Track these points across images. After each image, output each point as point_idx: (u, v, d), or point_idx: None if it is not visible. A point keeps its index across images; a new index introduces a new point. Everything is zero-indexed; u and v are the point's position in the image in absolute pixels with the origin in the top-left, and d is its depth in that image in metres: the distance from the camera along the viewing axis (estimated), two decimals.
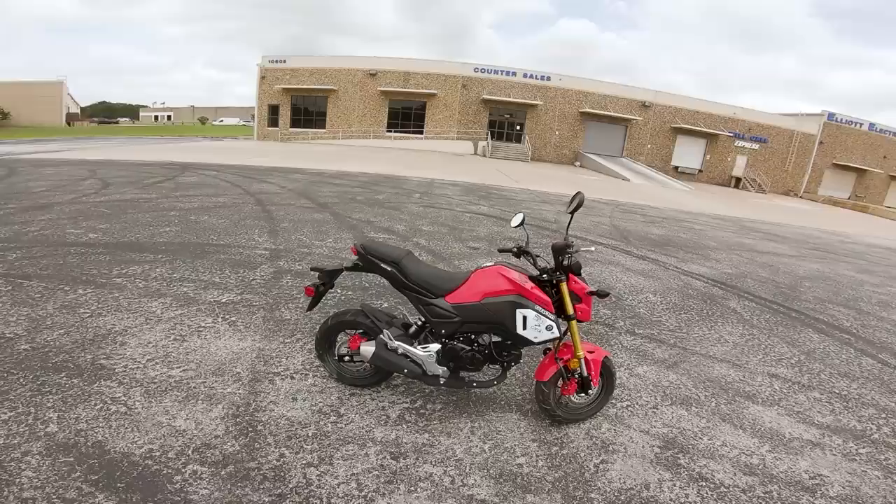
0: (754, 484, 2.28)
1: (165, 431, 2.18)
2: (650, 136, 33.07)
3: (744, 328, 4.48)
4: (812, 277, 7.14)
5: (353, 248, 2.55)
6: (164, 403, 2.39)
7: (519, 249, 2.54)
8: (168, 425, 2.22)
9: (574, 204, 2.47)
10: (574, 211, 2.49)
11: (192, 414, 2.33)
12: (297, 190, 9.80)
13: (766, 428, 2.80)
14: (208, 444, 2.13)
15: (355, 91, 31.17)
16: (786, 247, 10.03)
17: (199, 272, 4.34)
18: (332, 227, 6.68)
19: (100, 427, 2.17)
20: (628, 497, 2.09)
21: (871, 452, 2.67)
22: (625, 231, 9.33)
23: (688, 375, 3.36)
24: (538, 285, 2.40)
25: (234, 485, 1.90)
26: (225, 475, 1.95)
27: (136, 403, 2.37)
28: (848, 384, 3.56)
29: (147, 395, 2.44)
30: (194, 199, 7.81)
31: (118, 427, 2.18)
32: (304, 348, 3.06)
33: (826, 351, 4.19)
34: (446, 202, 10.21)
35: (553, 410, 2.50)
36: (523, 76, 31.35)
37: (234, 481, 1.92)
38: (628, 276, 5.90)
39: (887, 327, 5.13)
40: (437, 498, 1.95)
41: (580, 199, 2.46)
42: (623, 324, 4.23)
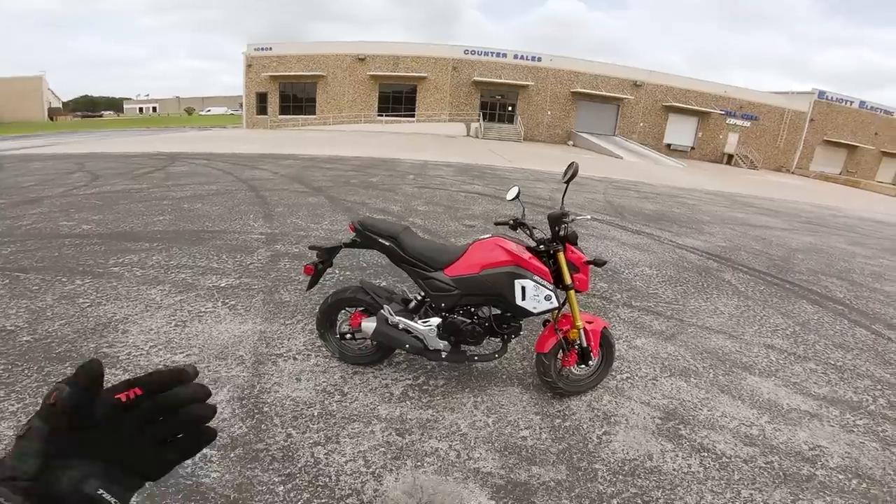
0: (755, 455, 2.29)
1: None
2: (642, 115, 32.99)
3: (739, 300, 4.52)
4: (805, 250, 7.21)
5: (350, 226, 2.54)
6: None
7: (515, 221, 2.54)
8: None
9: (569, 174, 2.46)
10: (569, 181, 2.48)
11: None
12: (290, 175, 9.71)
13: (764, 399, 2.82)
14: (216, 427, 2.12)
15: (344, 76, 30.69)
16: (778, 220, 10.11)
17: (196, 259, 4.32)
18: (327, 209, 6.65)
19: None
20: (632, 468, 2.11)
21: (869, 424, 2.68)
22: (619, 207, 9.36)
23: (685, 347, 3.39)
24: (536, 256, 2.41)
25: (244, 466, 1.92)
26: (234, 457, 1.97)
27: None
28: (843, 355, 3.59)
29: None
30: (186, 188, 7.72)
31: None
32: (306, 329, 3.07)
33: (820, 322, 4.23)
34: (440, 182, 10.17)
35: (554, 382, 2.52)
36: (514, 57, 31.05)
37: (243, 463, 1.94)
38: (624, 250, 5.95)
39: (880, 298, 5.17)
40: (443, 472, 1.97)
41: (574, 169, 2.45)
42: (620, 297, 4.27)
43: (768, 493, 2.04)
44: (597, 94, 31.75)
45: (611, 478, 2.04)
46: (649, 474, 2.08)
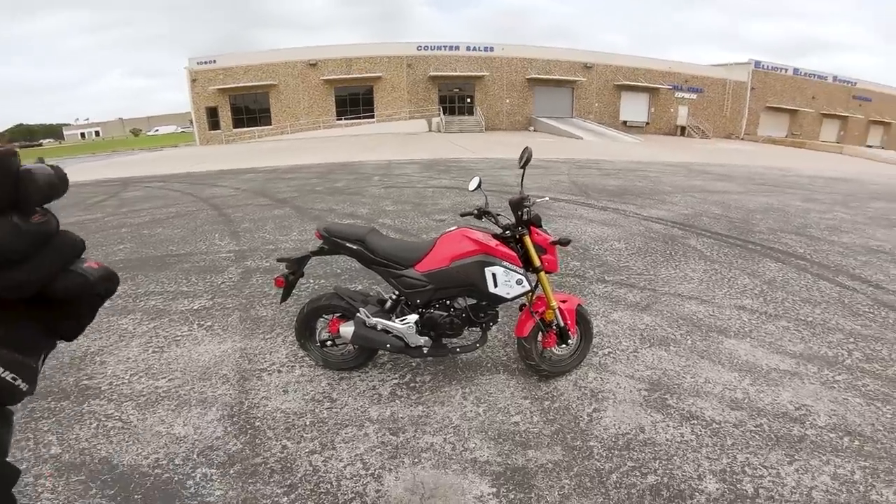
0: (744, 418, 2.32)
1: (166, 440, 2.16)
2: (596, 95, 33.76)
3: (706, 264, 4.67)
4: (762, 210, 7.51)
5: (316, 233, 2.52)
6: (158, 414, 2.35)
7: (480, 211, 2.56)
8: (167, 434, 2.20)
9: (524, 159, 2.49)
10: (524, 165, 2.50)
11: (189, 420, 2.30)
12: (253, 189, 9.49)
13: (742, 361, 2.87)
14: (211, 446, 2.12)
15: (297, 83, 30.08)
16: (734, 185, 10.51)
17: (164, 284, 4.19)
18: (294, 220, 6.53)
19: (101, 444, 2.14)
20: (626, 442, 2.14)
21: (848, 379, 2.71)
22: (583, 185, 9.57)
23: (661, 316, 3.47)
24: (503, 242, 2.44)
25: (245, 482, 1.91)
26: (234, 474, 1.95)
27: (131, 417, 2.33)
28: (811, 310, 3.66)
29: (139, 408, 2.40)
30: (143, 214, 7.44)
31: (119, 441, 2.16)
32: (287, 341, 3.03)
33: (786, 279, 4.34)
34: (407, 181, 10.13)
35: (538, 365, 2.56)
36: (467, 49, 31.22)
37: (244, 479, 1.93)
38: (592, 227, 6.08)
39: (839, 250, 5.32)
40: (441, 465, 1.99)
41: (528, 154, 2.48)
42: (593, 273, 4.37)
43: (764, 457, 2.06)
44: (551, 79, 32.31)
45: (606, 454, 2.07)
46: (644, 447, 2.11)
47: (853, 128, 41.59)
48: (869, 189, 11.10)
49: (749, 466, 2.00)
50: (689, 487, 1.87)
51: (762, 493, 1.85)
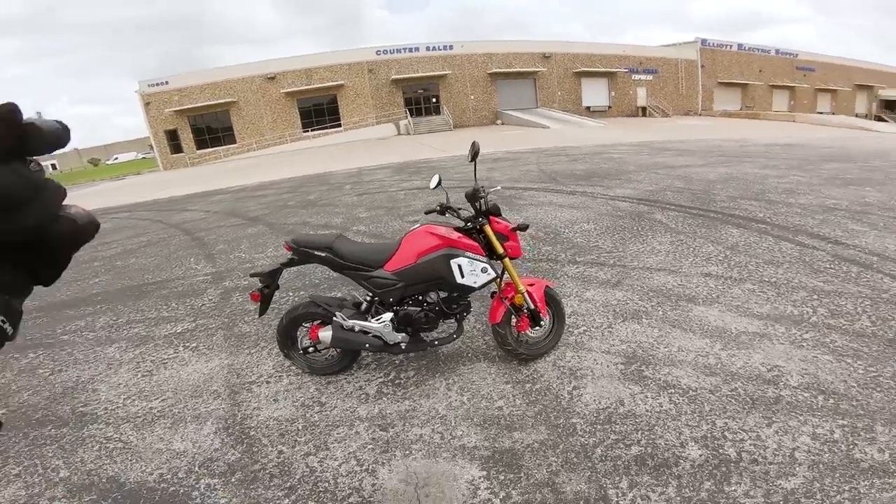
0: (719, 384, 2.37)
1: (168, 455, 2.23)
2: (558, 84, 34.27)
3: (672, 236, 4.84)
4: (722, 180, 7.81)
5: (286, 245, 2.58)
6: (156, 432, 2.41)
7: (442, 207, 2.64)
8: (168, 450, 2.27)
9: (471, 153, 2.57)
10: (473, 159, 2.58)
11: (186, 435, 2.36)
12: (224, 210, 9.39)
13: (713, 327, 2.94)
14: (210, 457, 2.19)
15: (257, 99, 29.59)
16: (695, 158, 10.88)
17: (145, 312, 4.18)
18: (268, 237, 6.52)
19: (106, 464, 2.21)
20: (608, 416, 2.20)
21: (816, 336, 2.76)
22: (552, 173, 9.77)
23: (632, 290, 3.59)
24: (465, 234, 2.53)
25: (248, 488, 1.98)
26: (236, 481, 2.02)
27: (131, 437, 2.40)
28: (775, 271, 3.77)
29: (138, 429, 2.46)
30: (114, 245, 7.30)
31: (123, 461, 2.23)
32: (272, 354, 3.08)
33: (748, 243, 4.48)
34: (378, 186, 10.17)
35: (515, 349, 2.65)
36: (426, 49, 31.26)
37: (246, 485, 2.00)
38: (562, 211, 6.26)
39: (797, 211, 5.52)
40: (432, 455, 2.06)
41: (476, 148, 2.57)
42: (565, 255, 4.52)
43: (742, 420, 2.11)
44: (512, 72, 32.64)
45: (590, 429, 2.13)
46: (625, 419, 2.17)
47: (802, 97, 43.45)
48: (822, 152, 11.60)
49: (729, 431, 2.05)
50: (672, 455, 1.93)
51: (745, 457, 1.90)
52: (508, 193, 7.80)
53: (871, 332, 2.79)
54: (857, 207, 5.65)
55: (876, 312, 3.03)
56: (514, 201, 7.17)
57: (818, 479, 1.77)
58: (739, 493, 1.73)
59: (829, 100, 45.42)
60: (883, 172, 8.11)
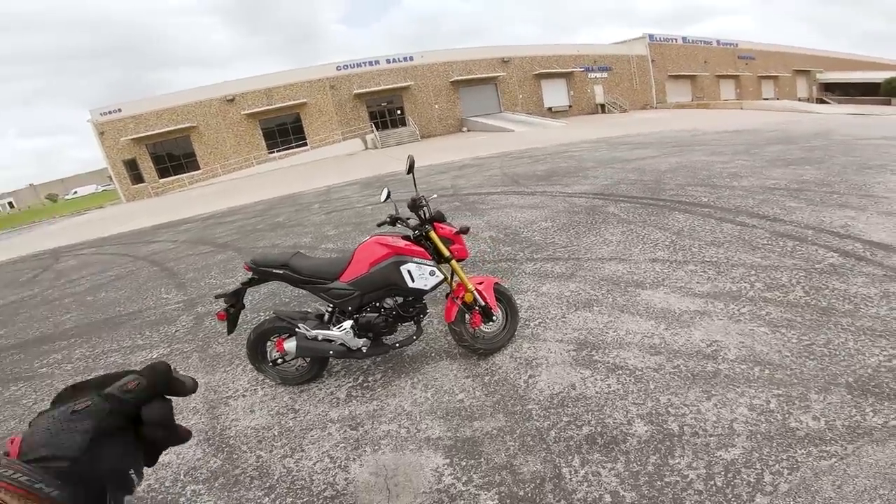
0: (662, 362, 2.51)
1: (153, 468, 2.31)
2: (519, 87, 35.03)
3: (623, 227, 5.10)
4: (672, 170, 8.20)
5: (245, 266, 2.74)
6: None
7: (392, 218, 2.83)
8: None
9: (408, 166, 2.80)
10: (410, 171, 2.80)
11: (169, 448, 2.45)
12: (192, 239, 9.35)
13: (657, 309, 3.10)
14: (194, 466, 2.33)
15: (217, 122, 29.18)
16: (649, 150, 11.36)
17: (120, 341, 4.24)
18: (238, 262, 6.57)
19: None
20: (560, 400, 2.35)
21: (752, 310, 2.90)
22: (514, 175, 10.09)
23: (585, 281, 3.79)
24: (413, 242, 2.73)
25: (231, 491, 2.13)
26: (219, 486, 2.17)
27: None
28: (716, 251, 3.97)
29: None
30: (83, 282, 7.23)
31: None
32: (247, 370, 3.21)
33: (692, 227, 4.72)
34: (346, 203, 10.29)
35: (472, 345, 2.83)
36: (387, 62, 31.55)
37: (228, 488, 2.15)
38: (522, 212, 6.52)
39: (739, 194, 5.81)
40: (400, 448, 2.22)
41: (410, 161, 2.80)
42: (523, 254, 4.75)
43: (684, 395, 2.23)
44: (474, 78, 33.26)
45: (544, 413, 2.28)
46: (576, 402, 2.32)
47: (747, 84, 45.73)
48: (766, 136, 12.25)
49: (672, 406, 2.18)
50: (620, 433, 2.07)
51: (686, 430, 2.02)
52: (472, 199, 8.04)
53: (804, 303, 2.96)
54: (795, 186, 6.02)
55: (809, 283, 3.22)
56: (476, 206, 7.40)
57: (756, 450, 1.86)
58: (683, 466, 1.85)
59: (773, 86, 47.89)
60: (822, 150, 8.63)
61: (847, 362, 2.35)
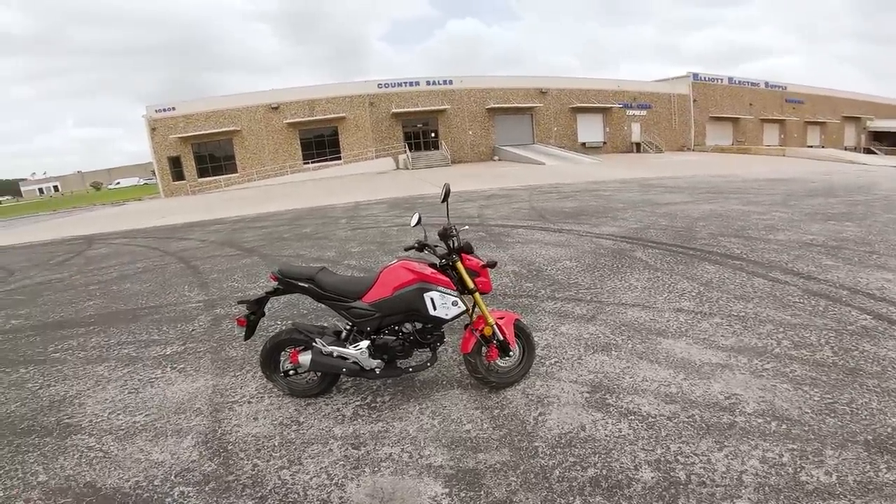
0: (677, 411, 2.47)
1: (146, 465, 2.35)
2: (554, 119, 35.14)
3: (650, 273, 4.99)
4: (705, 217, 8.05)
5: (271, 275, 2.78)
6: (136, 444, 2.55)
7: (420, 244, 2.85)
8: (146, 460, 2.40)
9: (443, 194, 2.82)
10: (445, 200, 2.81)
11: (166, 447, 2.50)
12: (220, 240, 9.60)
13: (678, 358, 3.04)
14: (187, 468, 2.31)
15: (260, 128, 30.15)
16: (683, 195, 11.20)
17: (136, 334, 4.32)
18: (262, 268, 6.69)
19: (85, 471, 2.34)
20: (568, 440, 2.30)
21: (776, 367, 2.85)
22: (542, 210, 10.05)
23: (605, 325, 3.71)
24: (439, 270, 2.74)
25: (220, 496, 2.10)
26: (209, 490, 2.15)
27: (112, 447, 2.53)
28: (744, 306, 3.86)
29: (119, 440, 2.60)
30: (111, 270, 7.48)
31: (101, 468, 2.35)
32: (256, 377, 3.22)
33: (722, 279, 4.60)
34: (373, 221, 10.42)
35: (486, 377, 2.80)
36: (427, 84, 32.06)
37: (218, 494, 2.12)
38: (547, 249, 6.44)
39: (774, 248, 5.65)
40: (399, 472, 2.18)
41: (446, 189, 2.81)
42: (544, 292, 4.67)
43: (695, 445, 2.19)
44: (510, 107, 33.50)
45: (550, 451, 2.23)
46: (584, 443, 2.27)
47: (792, 130, 44.34)
48: (808, 187, 11.97)
49: (681, 455, 2.14)
50: (625, 477, 2.02)
51: (693, 479, 1.98)
52: (498, 231, 8.02)
53: (832, 362, 2.90)
54: (834, 243, 5.84)
55: (839, 343, 3.14)
56: (502, 239, 7.37)
57: (763, 501, 1.82)
58: None
59: (819, 133, 46.38)
60: (865, 206, 8.39)
61: (868, 421, 2.32)
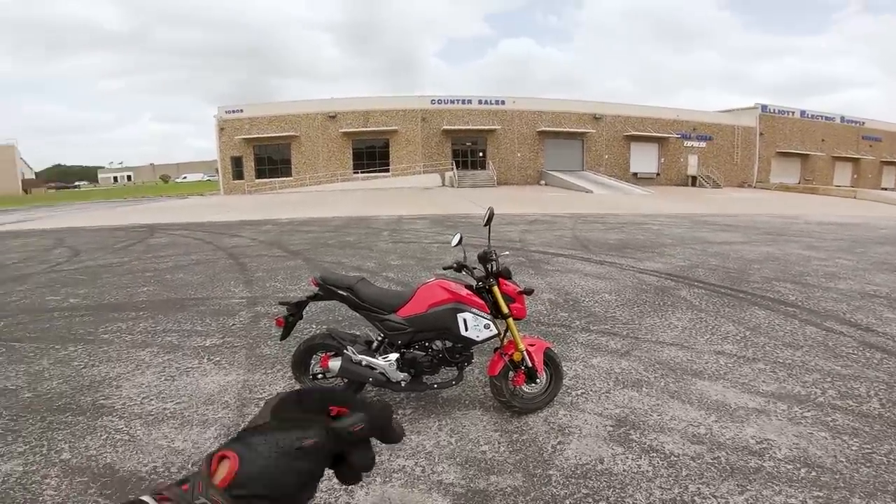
0: (702, 452, 2.41)
1: (166, 452, 2.46)
2: (606, 147, 34.33)
3: (693, 313, 4.78)
4: (761, 260, 7.62)
5: (312, 280, 2.90)
6: (162, 430, 2.67)
7: (459, 265, 2.89)
8: (168, 447, 2.50)
9: (486, 217, 2.89)
10: (488, 223, 2.88)
11: (189, 436, 2.61)
12: (268, 241, 10.01)
13: (712, 400, 2.96)
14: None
15: (317, 135, 31.32)
16: (738, 235, 10.67)
17: (181, 323, 4.57)
18: (304, 271, 6.91)
19: (108, 453, 2.46)
20: (584, 471, 2.27)
21: (817, 415, 2.77)
22: (585, 240, 9.83)
23: (639, 361, 3.60)
24: (475, 293, 2.77)
25: None
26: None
27: (138, 432, 2.66)
28: (792, 353, 3.72)
29: (146, 425, 2.73)
30: (167, 260, 7.97)
31: (124, 451, 2.47)
32: (286, 376, 3.32)
33: (771, 325, 4.40)
34: (415, 236, 10.55)
35: (509, 402, 2.79)
36: (479, 103, 32.27)
37: None
38: (586, 280, 6.29)
39: (833, 297, 5.36)
40: (409, 485, 2.20)
41: (490, 213, 2.89)
42: (579, 323, 4.56)
43: (715, 486, 2.13)
44: (561, 131, 33.01)
45: (564, 481, 2.20)
46: (600, 476, 2.24)
47: (866, 170, 40.97)
48: (877, 234, 11.16)
49: (699, 496, 2.08)
50: None
51: None
52: (537, 257, 7.92)
53: (877, 414, 2.79)
54: None
55: (889, 397, 3.00)
56: (541, 265, 7.27)
57: None
58: None
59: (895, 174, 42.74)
60: None
61: None
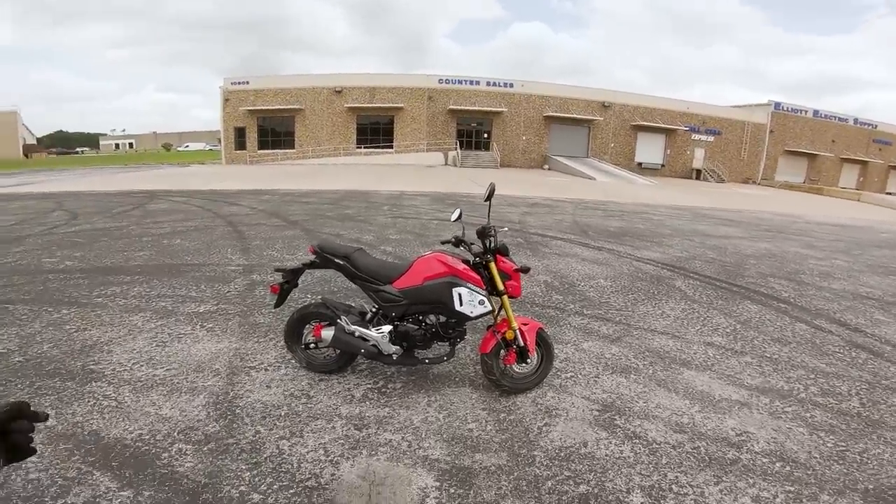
0: (683, 441, 2.46)
1: (153, 419, 2.46)
2: (612, 135, 34.06)
3: (686, 304, 4.82)
4: (758, 256, 7.64)
5: (310, 248, 2.89)
6: (150, 397, 2.67)
7: (457, 239, 2.87)
8: (155, 414, 2.51)
9: (487, 193, 2.85)
10: (488, 199, 2.85)
11: (177, 404, 2.61)
12: (268, 210, 9.99)
13: (697, 391, 3.01)
14: (192, 426, 2.41)
15: (322, 109, 31.12)
16: (738, 230, 10.64)
17: (176, 289, 4.57)
18: (302, 241, 6.92)
19: (94, 419, 2.45)
20: (568, 454, 2.31)
21: (797, 410, 2.84)
22: (584, 226, 9.81)
23: (629, 347, 3.64)
24: (472, 268, 2.75)
25: (216, 458, 2.19)
26: (207, 451, 2.23)
27: (126, 398, 2.65)
28: (779, 349, 3.77)
29: (135, 392, 2.72)
30: (165, 225, 7.95)
31: (111, 418, 2.46)
32: (277, 345, 3.34)
33: (762, 320, 4.45)
34: (414, 212, 10.52)
35: (499, 380, 2.81)
36: (487, 84, 31.91)
37: (214, 455, 2.20)
38: (583, 265, 6.30)
39: (826, 296, 5.43)
40: (395, 459, 2.23)
41: (491, 189, 2.85)
42: (573, 307, 4.59)
43: (693, 476, 2.19)
44: (568, 117, 32.67)
45: (547, 462, 2.24)
46: (583, 459, 2.28)
47: (873, 173, 40.55)
48: (877, 238, 11.14)
49: (676, 484, 2.14)
50: (615, 499, 2.02)
51: None
52: (536, 239, 7.92)
53: (855, 413, 2.86)
54: (891, 298, 5.51)
55: (869, 396, 3.08)
56: (539, 248, 7.27)
57: None
58: None
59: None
60: None
61: (874, 471, 2.32)
